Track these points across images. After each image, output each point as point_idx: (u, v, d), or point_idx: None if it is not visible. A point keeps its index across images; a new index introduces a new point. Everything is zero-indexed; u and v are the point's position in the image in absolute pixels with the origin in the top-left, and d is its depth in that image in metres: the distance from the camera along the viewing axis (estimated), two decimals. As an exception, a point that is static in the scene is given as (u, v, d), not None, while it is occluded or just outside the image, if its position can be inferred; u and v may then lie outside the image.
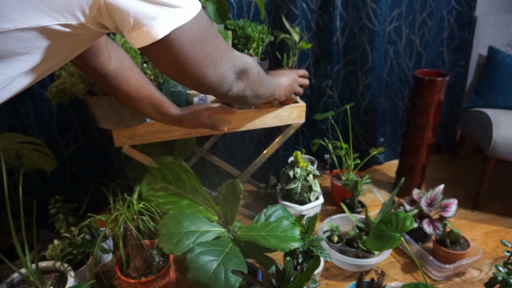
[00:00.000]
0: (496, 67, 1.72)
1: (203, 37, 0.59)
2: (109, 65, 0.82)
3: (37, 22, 0.46)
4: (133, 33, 0.52)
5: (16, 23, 0.45)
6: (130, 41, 0.54)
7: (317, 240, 1.13)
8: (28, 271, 1.07)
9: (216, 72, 0.66)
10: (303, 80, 1.18)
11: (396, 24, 1.77)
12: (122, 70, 0.85)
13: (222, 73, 0.68)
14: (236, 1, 1.47)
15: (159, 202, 1.15)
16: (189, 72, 0.62)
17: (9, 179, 1.46)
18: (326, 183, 1.88)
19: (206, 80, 0.66)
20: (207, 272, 0.90)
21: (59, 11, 0.47)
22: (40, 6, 0.45)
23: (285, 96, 1.12)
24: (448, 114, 2.08)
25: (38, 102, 1.37)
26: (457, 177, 1.93)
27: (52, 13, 0.46)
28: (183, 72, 0.62)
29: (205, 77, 0.65)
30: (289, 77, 1.13)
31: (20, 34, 0.46)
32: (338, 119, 1.89)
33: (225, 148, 1.74)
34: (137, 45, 0.54)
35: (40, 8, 0.45)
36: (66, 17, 0.48)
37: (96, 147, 1.56)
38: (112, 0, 0.48)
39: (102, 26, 0.53)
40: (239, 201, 1.12)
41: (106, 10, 0.49)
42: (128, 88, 0.88)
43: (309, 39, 1.66)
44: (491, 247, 1.44)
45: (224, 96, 0.76)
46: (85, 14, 0.49)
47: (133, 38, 0.53)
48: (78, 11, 0.48)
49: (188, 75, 0.63)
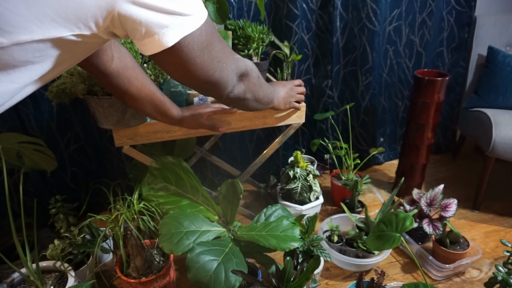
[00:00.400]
0: (496, 67, 1.72)
1: (210, 42, 0.61)
2: (112, 65, 0.82)
3: (53, 34, 0.47)
4: (144, 41, 0.54)
5: (32, 35, 0.46)
6: (141, 49, 0.56)
7: (317, 240, 1.14)
8: (28, 271, 1.07)
9: (221, 75, 0.68)
10: (300, 88, 1.21)
11: (396, 24, 1.77)
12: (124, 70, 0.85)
13: (227, 75, 0.70)
14: (236, 1, 1.47)
15: (159, 202, 1.15)
16: (196, 76, 0.64)
17: (10, 179, 1.46)
18: (326, 183, 1.88)
19: (211, 83, 0.68)
20: (207, 272, 0.90)
21: (74, 22, 0.48)
22: (57, 18, 0.46)
23: (284, 105, 1.15)
24: (448, 114, 2.08)
25: (39, 102, 1.37)
26: (457, 177, 1.93)
27: (67, 25, 0.48)
28: (190, 76, 0.64)
29: (210, 79, 0.67)
30: (285, 87, 1.16)
31: (35, 45, 0.48)
32: (338, 119, 1.89)
33: (225, 148, 1.74)
34: (147, 52, 0.56)
35: (56, 20, 0.46)
36: (81, 28, 0.49)
37: (96, 147, 1.56)
38: (126, 12, 0.49)
39: (113, 34, 0.54)
40: (239, 201, 1.13)
41: (119, 21, 0.50)
42: (129, 88, 0.88)
43: (309, 39, 1.66)
44: (491, 247, 1.45)
45: (226, 98, 0.78)
46: (99, 25, 0.50)
47: (144, 46, 0.55)
48: (92, 22, 0.49)
49: (195, 78, 0.65)
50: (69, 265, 1.14)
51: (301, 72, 1.71)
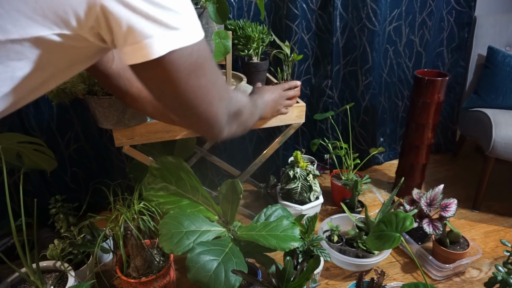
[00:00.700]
0: (496, 67, 1.73)
1: (201, 67, 0.54)
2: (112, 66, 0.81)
3: (31, 33, 0.44)
4: (126, 48, 0.49)
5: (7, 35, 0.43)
6: (123, 57, 0.50)
7: (317, 240, 1.14)
8: (28, 271, 1.07)
9: (209, 110, 0.59)
10: (291, 92, 1.15)
11: (396, 24, 1.77)
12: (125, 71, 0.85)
13: (216, 112, 0.61)
14: (236, 1, 1.47)
15: (159, 201, 1.15)
16: (179, 102, 0.56)
17: (10, 179, 1.46)
18: (326, 183, 1.88)
19: (196, 115, 0.59)
20: (207, 272, 0.90)
21: (53, 19, 0.44)
22: (33, 15, 0.43)
23: (271, 113, 1.10)
24: (448, 114, 2.08)
25: (39, 102, 1.38)
26: (457, 177, 1.93)
27: (46, 23, 0.44)
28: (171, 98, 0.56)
29: (194, 111, 0.58)
30: (273, 94, 1.10)
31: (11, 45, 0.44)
32: (338, 119, 1.89)
33: (225, 148, 1.74)
34: (128, 61, 0.50)
35: (33, 17, 0.43)
36: (61, 26, 0.45)
37: (96, 147, 1.56)
38: (109, 8, 0.44)
39: (100, 38, 0.50)
40: (239, 201, 1.13)
41: (104, 20, 0.46)
42: (130, 89, 0.88)
43: (309, 39, 1.66)
44: (491, 247, 1.45)
45: (213, 138, 0.69)
46: (81, 22, 0.46)
47: (126, 54, 0.49)
48: (73, 18, 0.45)
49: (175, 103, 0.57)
50: (69, 265, 1.14)
51: (301, 72, 1.71)
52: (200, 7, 1.16)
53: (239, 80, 1.37)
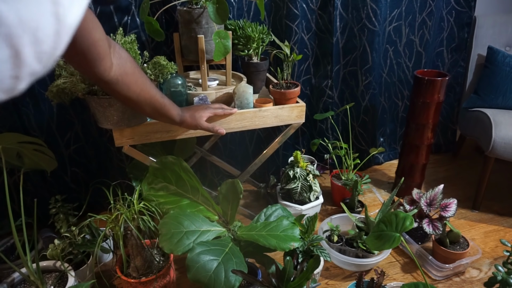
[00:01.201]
0: (496, 67, 1.73)
1: None
2: (111, 73, 0.81)
3: None
4: None
5: None
6: None
7: (317, 240, 1.14)
8: (28, 271, 1.07)
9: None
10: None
11: (396, 24, 1.77)
12: (123, 76, 0.84)
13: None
14: (236, 1, 1.47)
15: (159, 201, 1.15)
16: None
17: (10, 179, 1.46)
18: (326, 183, 1.88)
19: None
20: (207, 272, 0.90)
21: None
22: None
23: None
24: (447, 114, 2.08)
25: (39, 102, 1.37)
26: (457, 177, 1.93)
27: None
28: None
29: None
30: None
31: None
32: (338, 119, 1.89)
33: (225, 148, 1.74)
34: None
35: None
36: None
37: (96, 147, 1.56)
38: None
39: None
40: (239, 201, 1.13)
41: None
42: (128, 93, 0.88)
43: (309, 39, 1.66)
44: (491, 247, 1.45)
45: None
46: None
47: None
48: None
49: None
50: (69, 265, 1.14)
51: (301, 72, 1.71)
52: (200, 7, 1.16)
53: (239, 80, 1.37)
